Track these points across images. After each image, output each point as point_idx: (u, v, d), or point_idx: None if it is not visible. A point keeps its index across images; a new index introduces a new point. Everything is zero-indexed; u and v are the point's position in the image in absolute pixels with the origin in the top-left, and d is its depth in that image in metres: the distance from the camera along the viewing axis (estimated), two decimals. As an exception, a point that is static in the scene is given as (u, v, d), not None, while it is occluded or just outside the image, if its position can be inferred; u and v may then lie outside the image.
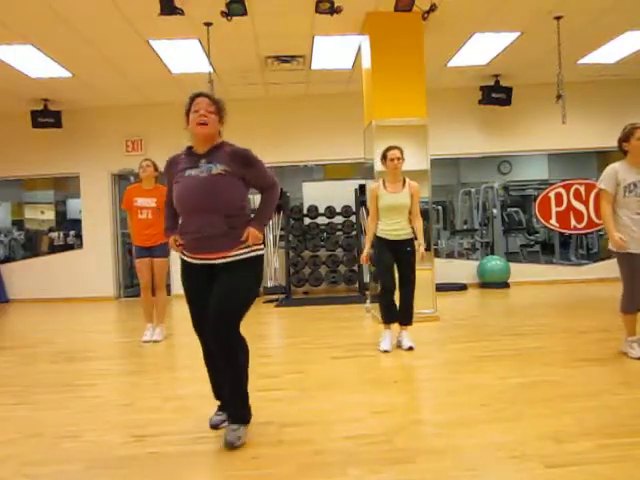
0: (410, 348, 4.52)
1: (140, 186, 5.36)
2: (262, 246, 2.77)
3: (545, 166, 12.11)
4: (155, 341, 5.30)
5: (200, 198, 2.61)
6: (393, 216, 4.52)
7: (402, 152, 4.56)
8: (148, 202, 5.24)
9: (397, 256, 4.56)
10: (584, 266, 9.12)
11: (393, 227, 4.53)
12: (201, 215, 2.62)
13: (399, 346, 4.61)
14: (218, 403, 2.92)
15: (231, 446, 2.58)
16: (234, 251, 2.66)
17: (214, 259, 2.67)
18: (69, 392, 3.74)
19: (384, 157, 4.58)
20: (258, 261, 2.76)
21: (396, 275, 4.60)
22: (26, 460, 2.59)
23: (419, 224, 4.58)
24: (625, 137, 3.91)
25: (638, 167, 3.88)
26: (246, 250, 2.69)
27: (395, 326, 4.69)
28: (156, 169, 5.29)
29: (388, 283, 4.55)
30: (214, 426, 2.84)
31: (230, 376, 2.69)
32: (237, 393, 2.70)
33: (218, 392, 2.88)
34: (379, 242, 4.60)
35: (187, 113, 2.71)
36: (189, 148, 2.75)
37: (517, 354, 4.25)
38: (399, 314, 4.65)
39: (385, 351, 4.48)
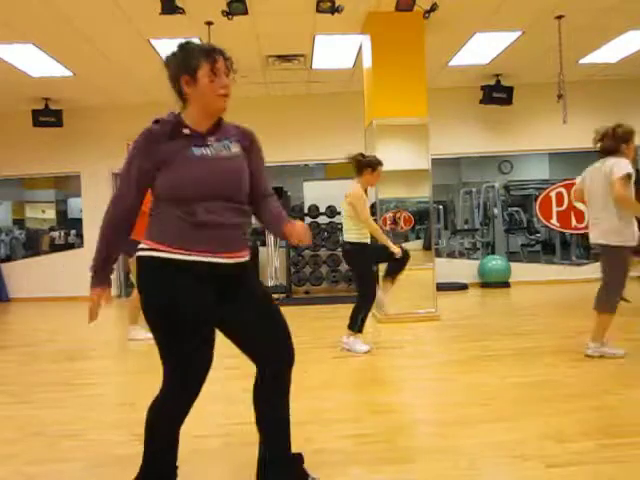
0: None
1: None
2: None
3: (546, 166, 12.12)
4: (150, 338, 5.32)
5: (226, 183, 1.97)
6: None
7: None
8: None
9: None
10: (584, 266, 9.10)
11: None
12: (223, 202, 1.96)
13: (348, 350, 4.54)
14: None
15: None
16: (244, 252, 2.07)
17: (236, 257, 2.01)
18: (69, 391, 3.75)
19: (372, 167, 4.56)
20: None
21: None
22: (26, 459, 2.59)
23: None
24: (625, 139, 3.94)
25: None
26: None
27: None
28: None
29: (375, 292, 4.55)
30: None
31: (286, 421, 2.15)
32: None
33: None
34: (366, 247, 4.56)
35: (193, 71, 2.01)
36: (179, 123, 2.07)
37: (517, 354, 4.25)
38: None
39: (368, 351, 4.45)
